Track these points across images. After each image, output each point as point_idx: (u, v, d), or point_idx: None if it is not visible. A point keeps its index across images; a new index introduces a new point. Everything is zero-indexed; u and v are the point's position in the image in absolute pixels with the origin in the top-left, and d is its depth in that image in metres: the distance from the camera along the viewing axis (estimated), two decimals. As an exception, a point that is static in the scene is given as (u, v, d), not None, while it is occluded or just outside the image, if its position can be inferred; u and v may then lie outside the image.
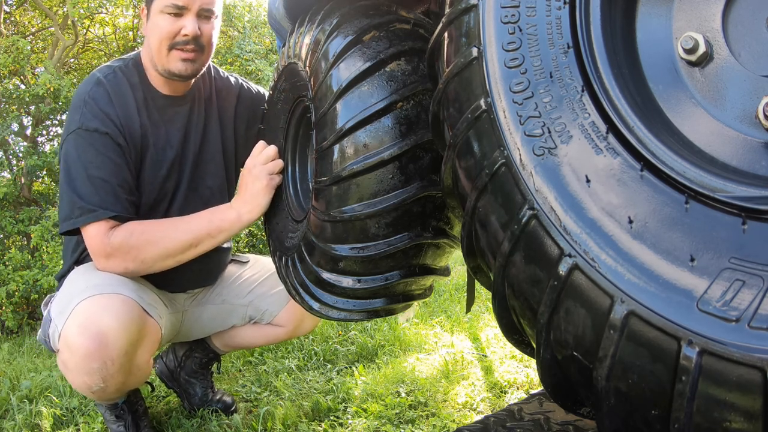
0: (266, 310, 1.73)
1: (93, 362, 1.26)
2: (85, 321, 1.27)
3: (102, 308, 1.28)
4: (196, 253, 1.40)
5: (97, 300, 1.30)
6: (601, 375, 0.61)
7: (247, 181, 1.37)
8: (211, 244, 1.40)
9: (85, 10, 4.72)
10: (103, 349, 1.26)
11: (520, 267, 0.70)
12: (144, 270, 1.40)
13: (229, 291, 1.75)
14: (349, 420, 1.65)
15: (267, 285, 1.75)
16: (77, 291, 1.34)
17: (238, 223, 1.38)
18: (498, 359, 2.12)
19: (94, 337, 1.25)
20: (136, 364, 1.35)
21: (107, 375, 1.29)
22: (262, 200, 1.36)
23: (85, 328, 1.26)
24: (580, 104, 0.67)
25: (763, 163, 0.62)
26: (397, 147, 1.02)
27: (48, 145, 4.44)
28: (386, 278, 1.12)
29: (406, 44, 1.08)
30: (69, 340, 1.28)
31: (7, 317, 3.46)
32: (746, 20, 0.65)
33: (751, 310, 0.52)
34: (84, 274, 1.43)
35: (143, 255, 1.37)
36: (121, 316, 1.29)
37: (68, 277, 1.48)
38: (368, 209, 1.04)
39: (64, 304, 1.34)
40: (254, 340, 1.83)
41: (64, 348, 1.30)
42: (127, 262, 1.37)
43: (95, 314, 1.27)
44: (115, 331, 1.27)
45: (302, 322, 1.76)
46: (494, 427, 1.07)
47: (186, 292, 1.69)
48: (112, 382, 1.31)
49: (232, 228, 1.39)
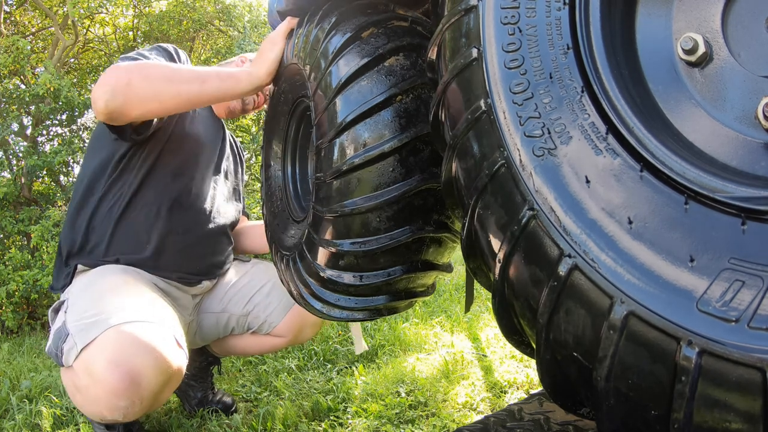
0: (265, 320, 1.72)
1: (120, 401, 1.15)
2: (117, 356, 1.15)
3: (139, 344, 1.17)
4: (198, 91, 1.29)
5: (133, 332, 1.19)
6: (601, 375, 0.62)
7: (264, 48, 1.35)
8: (216, 87, 1.30)
9: (85, 10, 4.72)
10: (135, 388, 1.15)
11: (519, 267, 0.70)
12: (141, 87, 1.27)
13: (229, 299, 1.73)
14: (349, 420, 1.65)
15: (266, 294, 1.73)
16: (106, 312, 1.23)
17: (248, 76, 1.31)
18: (498, 359, 2.12)
19: (126, 375, 1.14)
20: (159, 400, 1.25)
21: (131, 412, 1.18)
22: (271, 54, 1.32)
23: (116, 365, 1.14)
24: (579, 105, 0.67)
25: (762, 163, 0.62)
26: (397, 140, 1.02)
27: (48, 145, 4.43)
28: (388, 274, 1.12)
29: (405, 40, 1.08)
30: (94, 369, 1.16)
31: (7, 317, 3.46)
32: (746, 21, 0.65)
33: (751, 311, 0.52)
34: (109, 290, 1.34)
35: (149, 70, 1.29)
36: (158, 356, 1.18)
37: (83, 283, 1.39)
38: (369, 202, 1.04)
39: (90, 323, 1.21)
40: (253, 349, 1.81)
41: (84, 374, 1.18)
42: (132, 70, 1.27)
43: (129, 350, 1.16)
44: (150, 372, 1.16)
45: (301, 332, 1.74)
46: (494, 427, 1.07)
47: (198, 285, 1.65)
48: (132, 417, 1.21)
49: (241, 78, 1.31)
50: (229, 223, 1.73)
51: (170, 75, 1.29)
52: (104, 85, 1.27)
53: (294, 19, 1.32)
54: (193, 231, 1.59)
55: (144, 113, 1.30)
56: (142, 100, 1.28)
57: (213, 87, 1.29)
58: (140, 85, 1.26)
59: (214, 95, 1.31)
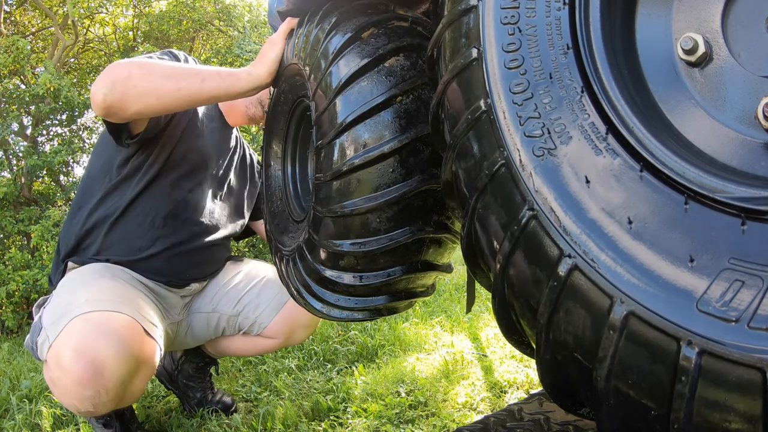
0: (255, 321, 1.71)
1: (85, 390, 1.18)
2: (80, 344, 1.17)
3: (100, 332, 1.19)
4: (198, 89, 1.27)
5: (95, 320, 1.21)
6: (601, 375, 0.62)
7: (264, 49, 1.35)
8: (215, 85, 1.28)
9: (85, 10, 4.72)
10: (97, 378, 1.17)
11: (519, 268, 0.70)
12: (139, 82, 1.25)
13: (219, 299, 1.73)
14: (349, 420, 1.65)
15: (256, 293, 1.73)
16: (75, 303, 1.26)
17: (248, 75, 1.31)
18: (498, 359, 2.12)
19: (89, 365, 1.16)
20: (130, 391, 1.27)
21: (99, 402, 1.21)
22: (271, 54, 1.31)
23: (79, 353, 1.16)
24: (579, 105, 0.67)
25: (762, 163, 0.62)
26: (397, 140, 1.02)
27: (48, 145, 4.43)
28: (388, 274, 1.12)
29: (405, 40, 1.08)
30: (61, 360, 1.18)
31: (7, 317, 3.46)
32: (746, 21, 0.65)
33: (751, 311, 0.52)
34: (84, 283, 1.36)
35: (149, 66, 1.28)
36: (120, 343, 1.20)
37: (66, 279, 1.43)
38: (369, 203, 1.04)
39: (59, 315, 1.25)
40: (245, 350, 1.81)
41: (54, 365, 1.21)
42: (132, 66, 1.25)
43: (92, 338, 1.18)
44: (112, 360, 1.18)
45: (293, 334, 1.74)
46: (494, 427, 1.07)
47: (187, 287, 1.66)
48: (103, 408, 1.24)
49: (241, 77, 1.30)
50: (226, 236, 1.74)
51: (170, 72, 1.28)
52: (103, 78, 1.26)
53: (294, 19, 1.32)
54: (187, 243, 1.60)
55: (142, 109, 1.28)
56: (141, 95, 1.25)
57: (213, 85, 1.28)
58: (139, 79, 1.25)
59: (214, 93, 1.29)
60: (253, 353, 1.85)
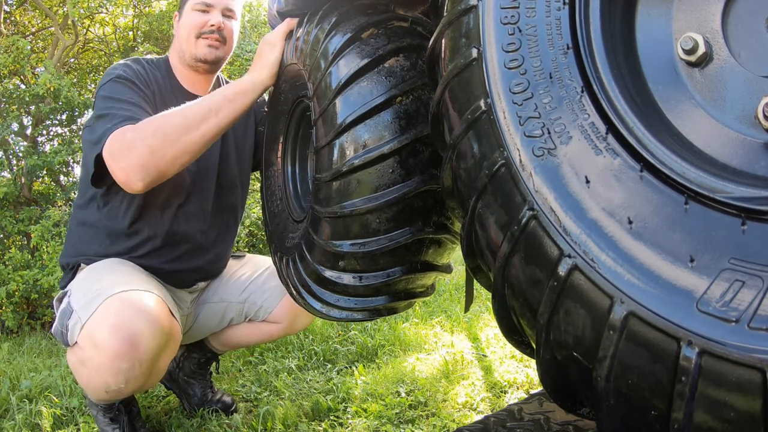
0: (261, 306, 1.75)
1: (122, 363, 1.23)
2: (117, 320, 1.24)
3: (135, 309, 1.26)
4: (217, 123, 1.31)
5: (129, 298, 1.28)
6: (601, 375, 0.61)
7: (263, 50, 1.38)
8: (230, 110, 1.32)
9: (85, 10, 4.72)
10: (134, 351, 1.23)
11: (519, 268, 0.70)
12: (166, 150, 1.26)
13: (225, 289, 1.77)
14: (349, 420, 1.65)
15: (261, 282, 1.78)
16: (105, 286, 1.32)
17: (252, 84, 1.35)
18: (498, 359, 2.12)
19: (127, 338, 1.22)
20: (158, 367, 1.33)
21: (131, 376, 1.26)
22: (271, 56, 1.35)
23: (117, 328, 1.23)
24: (579, 105, 0.67)
25: (762, 163, 0.62)
26: (397, 141, 1.02)
27: (48, 145, 4.43)
28: (387, 275, 1.12)
29: (405, 41, 1.08)
30: (97, 338, 1.24)
31: (7, 317, 3.46)
32: (746, 21, 0.65)
33: (751, 311, 0.52)
34: (109, 271, 1.42)
35: (163, 128, 1.27)
36: (153, 319, 1.27)
37: (85, 273, 1.46)
38: (369, 204, 1.04)
39: (91, 297, 1.30)
40: (251, 337, 1.84)
41: (88, 345, 1.26)
42: (147, 139, 1.25)
43: (128, 314, 1.25)
44: (147, 334, 1.25)
45: (297, 318, 1.78)
46: (494, 427, 1.07)
47: (194, 286, 1.70)
48: (134, 384, 1.29)
49: (247, 89, 1.35)
50: (225, 249, 1.77)
51: (184, 122, 1.29)
52: (125, 162, 1.26)
53: (293, 20, 1.32)
54: (188, 262, 1.64)
55: (179, 168, 1.32)
56: (173, 160, 1.28)
57: (227, 112, 1.32)
58: (164, 149, 1.26)
59: (231, 119, 1.34)
60: (258, 340, 1.88)
